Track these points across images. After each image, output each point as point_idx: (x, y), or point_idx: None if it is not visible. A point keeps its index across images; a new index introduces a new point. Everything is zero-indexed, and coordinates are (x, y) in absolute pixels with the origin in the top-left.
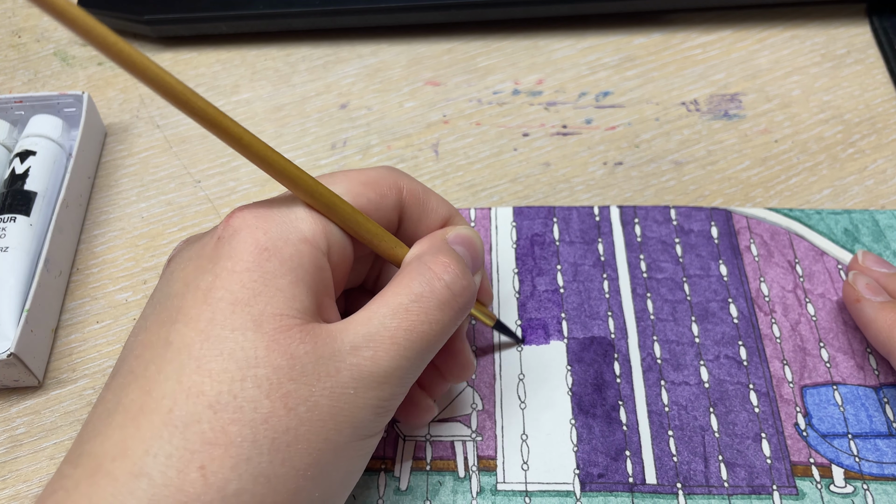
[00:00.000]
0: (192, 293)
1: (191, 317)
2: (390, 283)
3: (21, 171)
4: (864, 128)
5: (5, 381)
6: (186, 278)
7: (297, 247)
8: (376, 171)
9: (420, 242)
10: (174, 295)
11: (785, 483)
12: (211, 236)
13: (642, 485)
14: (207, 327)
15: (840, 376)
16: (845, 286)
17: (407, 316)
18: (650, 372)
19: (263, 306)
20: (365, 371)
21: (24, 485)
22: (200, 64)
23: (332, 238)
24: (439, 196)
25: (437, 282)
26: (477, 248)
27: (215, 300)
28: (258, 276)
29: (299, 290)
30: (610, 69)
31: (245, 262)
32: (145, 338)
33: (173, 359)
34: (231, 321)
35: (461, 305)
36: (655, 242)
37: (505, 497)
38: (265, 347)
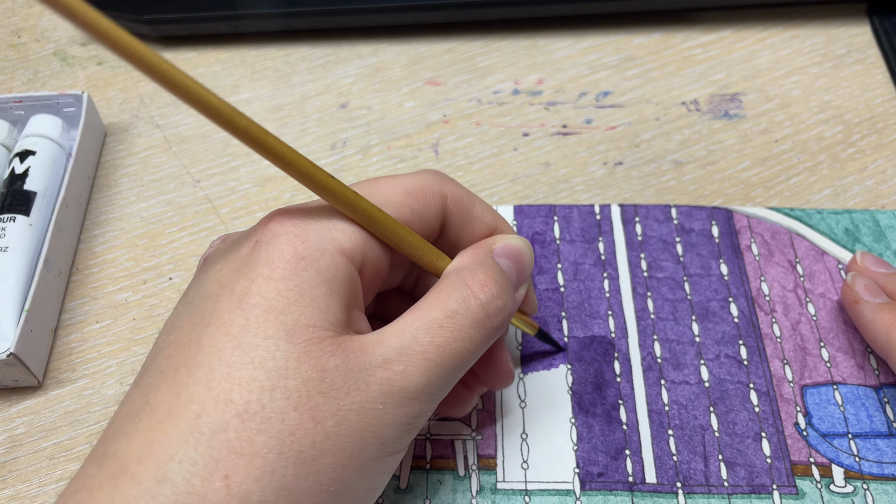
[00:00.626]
0: (227, 297)
1: (224, 321)
2: (427, 295)
3: (21, 170)
4: (865, 128)
5: (5, 381)
6: (221, 280)
7: (334, 258)
8: (421, 178)
9: (464, 253)
10: (208, 297)
11: (785, 482)
12: (249, 238)
13: (642, 484)
14: (240, 333)
15: (840, 376)
16: (844, 287)
17: (440, 332)
18: (650, 371)
19: (297, 316)
20: (395, 386)
21: (23, 485)
22: (200, 64)
23: (368, 252)
24: (485, 203)
25: (472, 300)
26: (525, 260)
27: (249, 306)
28: (294, 284)
29: (333, 302)
30: (610, 69)
31: (282, 270)
32: (177, 338)
33: (204, 363)
34: (264, 329)
35: (496, 325)
36: (656, 241)
37: (505, 496)
38: (296, 358)
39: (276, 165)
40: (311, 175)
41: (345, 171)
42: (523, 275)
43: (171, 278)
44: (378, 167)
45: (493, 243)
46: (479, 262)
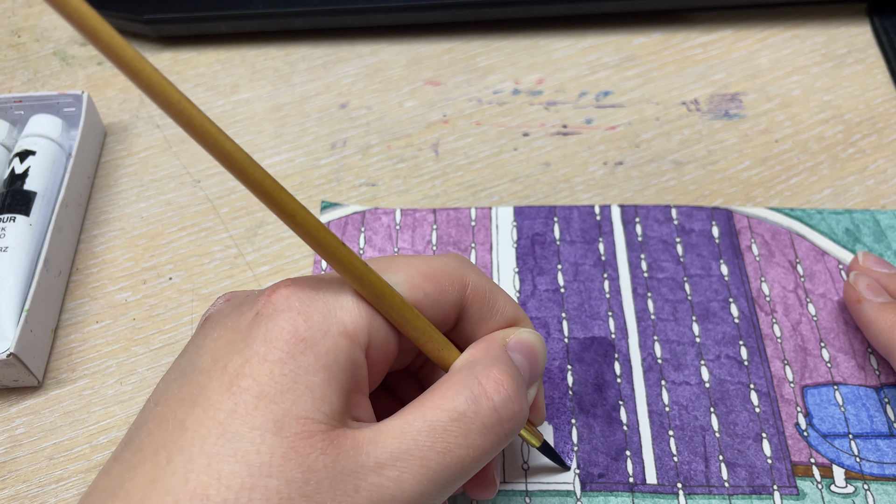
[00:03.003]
0: (219, 375)
1: (211, 402)
2: (434, 388)
3: (21, 170)
4: (865, 127)
5: (5, 381)
6: (216, 353)
7: (336, 341)
8: (442, 262)
9: (476, 345)
10: (201, 370)
11: (786, 483)
12: (251, 308)
13: (643, 485)
14: (227, 420)
15: (841, 376)
16: (846, 287)
17: (444, 437)
18: (651, 372)
19: (289, 405)
20: (386, 494)
21: (23, 485)
22: (200, 63)
23: (375, 333)
24: (508, 296)
25: (485, 401)
26: (538, 358)
27: (240, 389)
28: (290, 369)
29: (330, 390)
30: (610, 69)
31: (278, 352)
32: (162, 412)
33: (185, 448)
34: (252, 417)
35: (507, 432)
36: (656, 242)
37: (505, 497)
38: (282, 455)
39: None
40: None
41: (345, 171)
42: (536, 373)
43: (171, 278)
44: (378, 167)
45: (507, 337)
46: (494, 356)
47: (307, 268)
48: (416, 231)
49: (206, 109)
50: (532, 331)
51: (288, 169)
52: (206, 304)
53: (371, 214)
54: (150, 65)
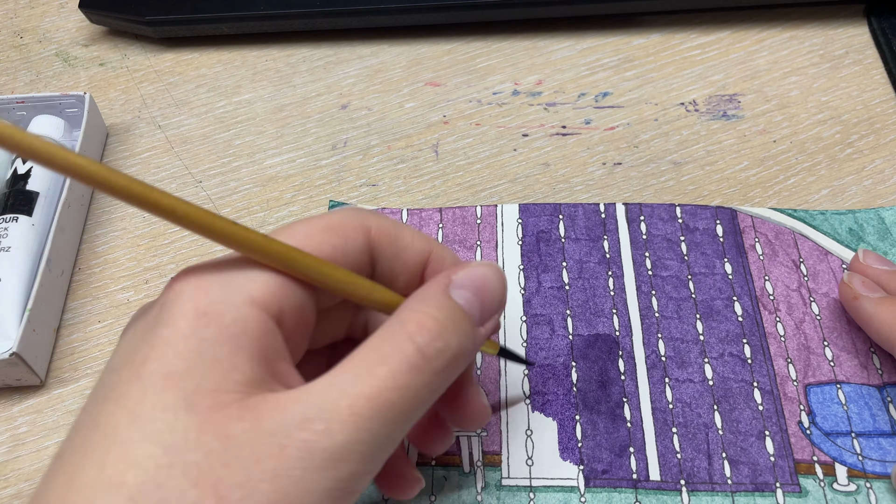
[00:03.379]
0: (128, 367)
1: (121, 394)
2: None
3: (23, 171)
4: (863, 128)
5: (7, 381)
6: (126, 350)
7: (242, 310)
8: (339, 214)
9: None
10: (113, 369)
11: (788, 481)
12: (156, 302)
13: (646, 481)
14: (136, 406)
15: (844, 375)
16: (841, 285)
17: (371, 381)
18: (654, 369)
19: (198, 381)
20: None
21: (26, 483)
22: (202, 64)
23: (287, 298)
24: (414, 230)
25: (407, 343)
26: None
27: (148, 374)
28: (194, 344)
29: (241, 359)
30: (609, 70)
31: (181, 330)
32: (79, 420)
33: (98, 443)
34: (162, 399)
35: (438, 369)
36: (661, 240)
37: (509, 492)
38: (197, 429)
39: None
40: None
41: (345, 172)
42: (490, 305)
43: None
44: (378, 167)
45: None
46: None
47: None
48: (422, 230)
49: (208, 110)
50: (485, 263)
51: (289, 169)
52: None
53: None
54: None
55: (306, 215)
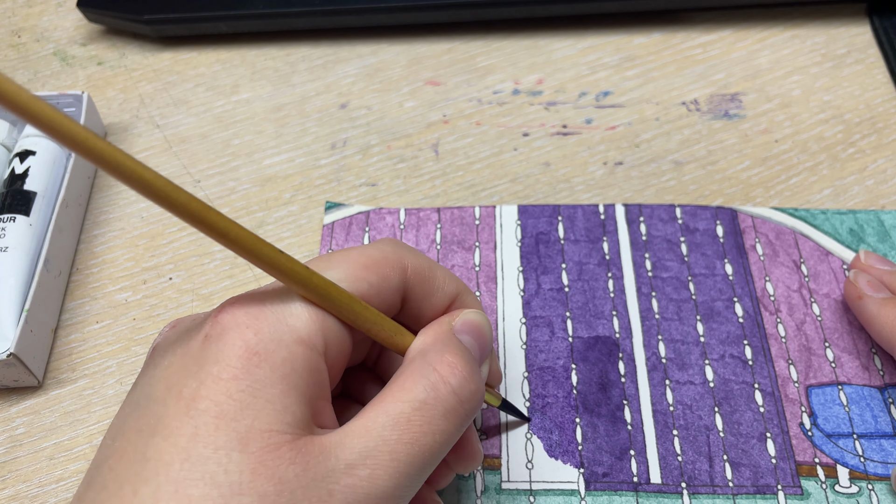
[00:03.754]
0: (175, 401)
1: (171, 430)
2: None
3: (21, 170)
4: (865, 127)
5: (5, 381)
6: (169, 380)
7: (291, 349)
8: (379, 250)
9: (424, 332)
10: (155, 399)
11: (790, 483)
12: (198, 331)
13: (647, 484)
14: (189, 444)
15: (845, 376)
16: (846, 284)
17: (409, 428)
18: (655, 371)
19: (251, 421)
20: (361, 493)
21: (23, 485)
22: (200, 63)
23: (330, 335)
24: (447, 271)
25: (442, 386)
26: (486, 335)
27: (199, 412)
28: (246, 385)
29: (291, 400)
30: (610, 69)
31: (232, 369)
32: (122, 446)
33: (150, 479)
34: (215, 438)
35: (468, 412)
36: (661, 241)
37: (509, 496)
38: (251, 471)
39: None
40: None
41: (345, 171)
42: (485, 350)
43: (171, 278)
44: (378, 167)
45: (452, 320)
46: (443, 341)
47: None
48: (421, 230)
49: (207, 110)
50: (475, 310)
51: (288, 169)
52: (207, 304)
53: (375, 214)
54: None
55: (305, 215)
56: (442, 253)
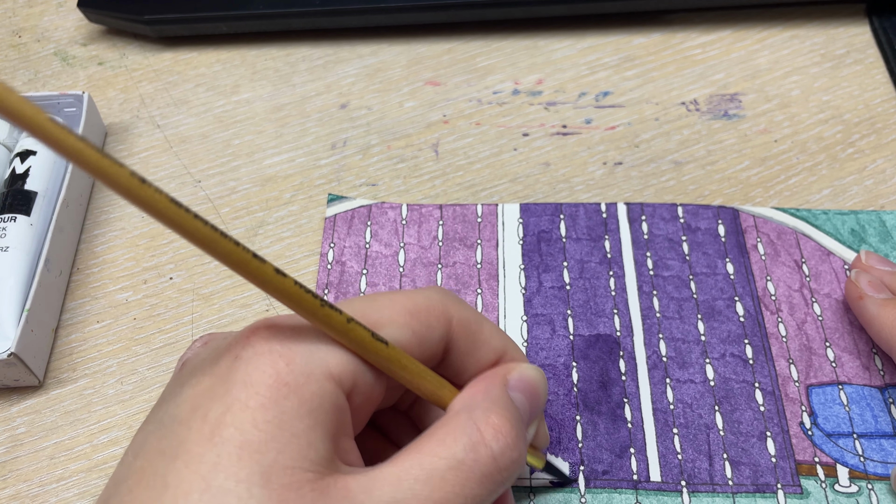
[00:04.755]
0: (199, 425)
1: (193, 456)
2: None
3: (21, 170)
4: (864, 128)
5: (6, 381)
6: (195, 401)
7: (321, 384)
8: (425, 297)
9: (475, 384)
10: (180, 420)
11: (790, 482)
12: (229, 352)
13: (647, 482)
14: (210, 474)
15: (846, 376)
16: (848, 283)
17: (442, 486)
18: (655, 369)
19: (275, 455)
20: None
21: (24, 484)
22: (200, 64)
23: (360, 377)
24: (493, 325)
25: (483, 449)
26: (541, 396)
27: (223, 440)
28: (273, 415)
29: (316, 436)
30: (610, 69)
31: (260, 397)
32: (142, 466)
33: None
34: (237, 470)
35: (505, 479)
36: (662, 240)
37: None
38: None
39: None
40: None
41: (345, 171)
42: (536, 411)
43: (172, 278)
44: (378, 167)
45: (507, 374)
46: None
47: (309, 267)
48: (423, 226)
49: (207, 110)
50: (533, 367)
51: (288, 169)
52: (208, 304)
53: (377, 209)
54: None
55: (306, 215)
56: (444, 250)
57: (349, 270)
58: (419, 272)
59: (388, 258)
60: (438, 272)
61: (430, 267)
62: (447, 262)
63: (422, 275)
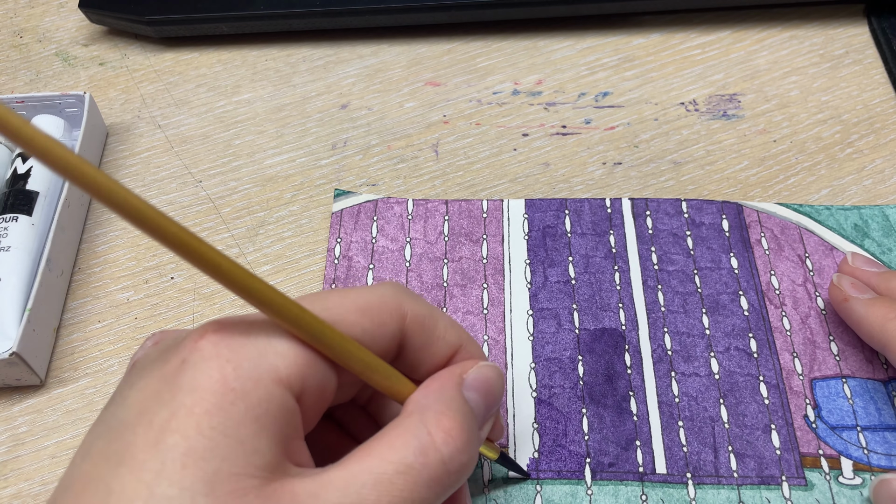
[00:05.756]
0: (144, 431)
1: (137, 462)
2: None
3: (23, 170)
4: (863, 128)
5: (7, 381)
6: (142, 405)
7: (269, 389)
8: (377, 295)
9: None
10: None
11: (794, 474)
12: (177, 354)
13: (652, 474)
14: (154, 481)
15: (849, 369)
16: (831, 288)
17: (390, 490)
18: (661, 363)
19: (220, 462)
20: None
21: (25, 483)
22: (201, 64)
23: (311, 377)
24: (450, 320)
25: (433, 453)
26: (496, 394)
27: (167, 447)
28: (218, 422)
29: (263, 442)
30: (609, 69)
31: (206, 403)
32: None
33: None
34: (181, 478)
35: (454, 483)
36: (667, 235)
37: (516, 486)
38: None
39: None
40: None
41: (345, 171)
42: (492, 409)
43: (173, 277)
44: (378, 167)
45: (464, 372)
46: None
47: (310, 266)
48: (428, 221)
49: (208, 110)
50: (489, 364)
51: (289, 169)
52: (209, 304)
53: (383, 203)
54: None
55: (306, 215)
56: (450, 245)
57: (356, 265)
58: (425, 267)
59: (395, 253)
60: (444, 267)
61: (436, 262)
62: (453, 257)
63: (428, 269)
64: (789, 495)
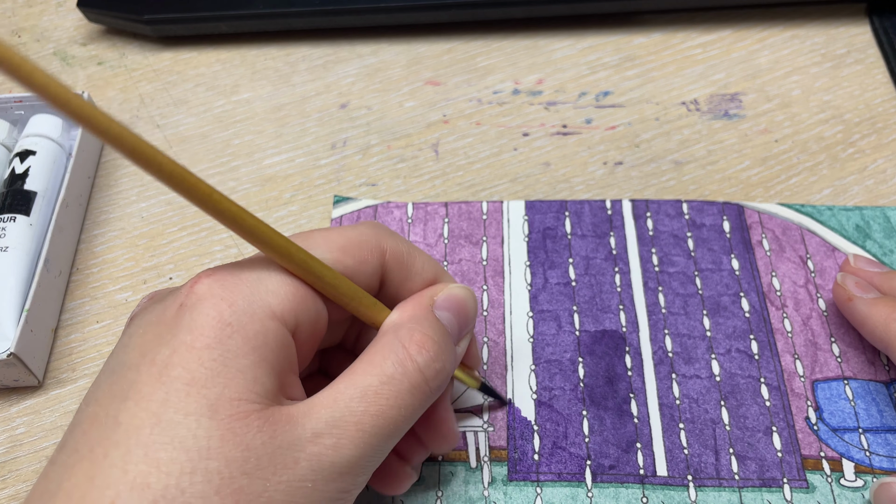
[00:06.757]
0: (148, 367)
1: (143, 395)
2: (362, 356)
3: (21, 170)
4: (864, 127)
5: (5, 381)
6: (143, 347)
7: (264, 323)
8: (357, 233)
9: (402, 306)
10: (129, 366)
11: (795, 476)
12: (174, 300)
13: (653, 476)
14: (160, 409)
15: (851, 371)
16: (835, 287)
17: (376, 400)
18: (661, 365)
19: (221, 389)
20: (326, 461)
21: (23, 485)
22: (200, 63)
23: (303, 312)
24: (426, 255)
25: (409, 363)
26: (467, 311)
27: (171, 378)
28: (218, 354)
29: (261, 372)
30: (610, 69)
31: (205, 338)
32: (95, 411)
33: (121, 442)
34: (185, 404)
35: (433, 389)
36: (667, 236)
37: (516, 487)
38: (219, 437)
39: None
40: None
41: (345, 171)
42: (465, 327)
43: (172, 278)
44: (378, 167)
45: (434, 294)
46: (418, 318)
47: None
48: (428, 224)
49: (206, 110)
50: (461, 286)
51: (288, 169)
52: None
53: (383, 208)
54: None
55: (306, 215)
56: (450, 247)
57: None
58: None
59: None
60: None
61: None
62: (453, 259)
63: None
64: (791, 497)
